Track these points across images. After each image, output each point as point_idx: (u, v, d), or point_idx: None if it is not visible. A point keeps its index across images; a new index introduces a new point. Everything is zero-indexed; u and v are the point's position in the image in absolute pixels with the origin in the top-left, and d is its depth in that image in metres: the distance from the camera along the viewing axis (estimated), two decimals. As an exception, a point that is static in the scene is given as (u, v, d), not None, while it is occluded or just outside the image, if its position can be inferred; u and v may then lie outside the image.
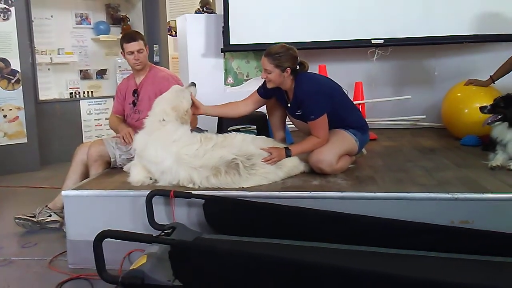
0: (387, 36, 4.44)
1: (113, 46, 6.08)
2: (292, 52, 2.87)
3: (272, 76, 2.88)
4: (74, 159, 3.23)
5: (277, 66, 2.84)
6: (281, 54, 2.83)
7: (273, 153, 2.80)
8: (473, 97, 3.94)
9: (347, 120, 3.02)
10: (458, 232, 2.27)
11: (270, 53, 2.86)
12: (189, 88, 3.00)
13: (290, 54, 2.85)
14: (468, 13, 4.35)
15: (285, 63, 2.83)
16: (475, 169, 2.98)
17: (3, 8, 4.85)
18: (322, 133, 2.87)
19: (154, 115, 2.86)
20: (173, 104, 2.85)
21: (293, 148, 2.90)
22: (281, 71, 2.85)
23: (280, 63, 2.83)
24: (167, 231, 2.24)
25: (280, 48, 2.87)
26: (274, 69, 2.85)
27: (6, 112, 4.93)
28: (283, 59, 2.83)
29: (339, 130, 2.98)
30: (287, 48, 2.87)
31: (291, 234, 2.34)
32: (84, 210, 2.65)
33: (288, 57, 2.84)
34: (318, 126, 2.86)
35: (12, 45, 4.91)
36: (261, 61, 2.91)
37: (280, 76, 2.87)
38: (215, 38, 4.81)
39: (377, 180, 2.79)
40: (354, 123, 3.04)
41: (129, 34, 3.41)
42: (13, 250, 2.93)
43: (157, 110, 2.87)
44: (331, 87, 2.99)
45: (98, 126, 5.76)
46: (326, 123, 2.87)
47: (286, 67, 2.84)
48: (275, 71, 2.85)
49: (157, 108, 2.87)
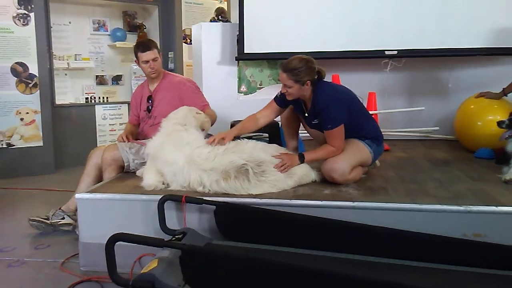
0: (401, 47, 4.43)
1: (129, 52, 6.14)
2: (310, 64, 2.81)
3: (292, 90, 2.85)
4: (88, 162, 3.26)
5: (296, 81, 2.79)
6: (301, 69, 2.77)
7: (284, 159, 2.80)
8: (486, 109, 3.92)
9: (363, 130, 3.00)
10: (471, 245, 2.24)
11: (288, 69, 2.80)
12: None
13: (309, 68, 2.79)
14: (483, 26, 4.32)
15: (305, 77, 2.79)
16: (488, 182, 2.95)
17: (23, 13, 4.95)
18: (338, 142, 2.85)
19: (175, 119, 2.95)
20: (195, 113, 3.01)
21: (307, 155, 2.90)
22: (301, 85, 2.81)
23: (300, 78, 2.78)
24: (178, 236, 2.25)
25: (298, 62, 2.79)
26: (294, 84, 2.81)
27: (23, 115, 5.02)
28: (303, 74, 2.78)
29: (355, 140, 2.97)
30: (306, 61, 2.80)
31: (302, 243, 2.33)
32: (97, 213, 2.67)
33: (307, 71, 2.79)
34: (334, 135, 2.85)
35: (30, 50, 5.01)
36: (280, 76, 2.87)
37: (300, 90, 2.84)
38: (229, 46, 4.84)
39: (389, 190, 2.78)
40: (370, 134, 3.03)
41: (143, 43, 3.42)
42: (26, 251, 2.96)
43: (179, 115, 2.98)
44: (349, 97, 2.96)
45: (112, 131, 5.82)
46: (343, 133, 2.86)
47: (305, 80, 2.80)
48: (295, 86, 2.81)
49: (180, 113, 2.99)
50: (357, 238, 2.31)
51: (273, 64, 4.98)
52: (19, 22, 4.93)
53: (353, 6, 4.54)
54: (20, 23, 4.94)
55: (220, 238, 2.49)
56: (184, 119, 2.96)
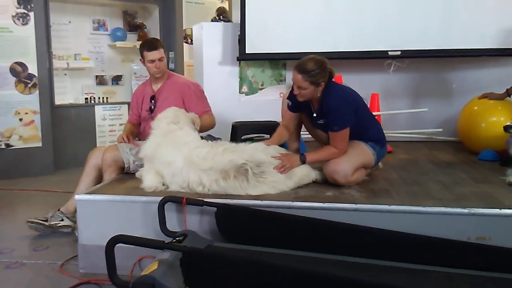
0: (404, 48, 4.41)
1: (129, 52, 6.13)
2: (325, 65, 2.79)
3: (306, 92, 2.82)
4: (88, 163, 3.24)
5: (312, 83, 2.77)
6: (317, 70, 2.75)
7: (284, 160, 2.78)
8: (490, 111, 3.91)
9: (367, 132, 2.99)
10: (475, 248, 2.22)
11: (305, 71, 2.76)
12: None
13: (324, 69, 2.78)
14: (487, 26, 4.31)
15: (320, 79, 2.78)
16: (492, 185, 2.93)
17: (22, 13, 4.92)
18: (341, 145, 2.84)
19: (167, 118, 2.93)
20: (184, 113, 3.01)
21: (309, 156, 2.88)
22: (316, 87, 2.80)
23: (316, 80, 2.77)
24: (178, 238, 2.23)
25: (314, 64, 2.76)
26: (309, 86, 2.78)
27: (22, 116, 4.99)
28: (319, 76, 2.76)
29: (358, 142, 2.95)
30: (321, 63, 2.78)
31: (303, 245, 2.31)
32: (97, 215, 2.65)
33: (323, 73, 2.77)
34: (339, 137, 2.83)
35: (30, 50, 4.98)
36: (294, 78, 2.83)
37: (314, 91, 2.83)
38: (231, 46, 4.82)
39: (392, 193, 2.75)
40: (374, 136, 3.01)
41: (150, 42, 3.38)
42: (25, 253, 2.94)
43: (170, 113, 2.96)
44: (356, 100, 2.95)
45: (112, 132, 5.79)
46: (347, 136, 2.85)
47: (320, 82, 2.79)
48: (310, 88, 2.79)
49: (170, 112, 2.98)
50: (360, 240, 2.29)
51: (274, 65, 4.96)
52: (18, 22, 4.91)
53: (356, 6, 4.52)
54: (19, 22, 4.91)
55: (221, 240, 2.47)
56: (175, 117, 2.93)
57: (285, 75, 4.99)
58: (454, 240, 2.25)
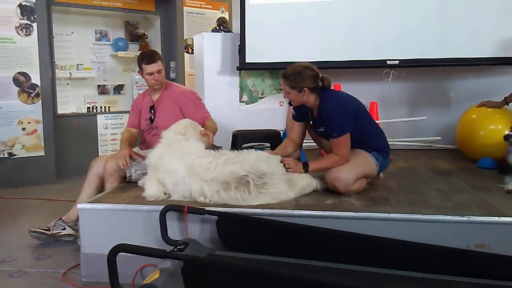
0: (402, 57, 4.45)
1: (131, 62, 6.18)
2: (307, 71, 2.85)
3: (291, 96, 2.91)
4: (90, 172, 3.26)
5: (292, 87, 2.86)
6: (296, 75, 2.84)
7: (290, 163, 2.86)
8: (488, 119, 3.93)
9: (370, 141, 2.99)
10: (474, 256, 2.23)
11: (285, 75, 2.88)
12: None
13: (305, 74, 2.83)
14: (484, 35, 4.34)
15: (301, 83, 2.83)
16: (491, 192, 2.94)
17: (26, 24, 4.98)
18: (343, 151, 2.84)
19: (175, 129, 2.98)
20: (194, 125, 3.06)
21: (311, 164, 2.90)
22: (298, 91, 2.86)
23: (296, 84, 2.84)
24: (180, 247, 2.24)
25: (294, 69, 2.86)
26: (291, 90, 2.88)
27: (25, 125, 5.03)
28: (298, 80, 2.83)
29: (362, 151, 2.95)
30: (303, 68, 2.86)
31: (304, 253, 2.32)
32: (99, 224, 2.66)
33: (303, 78, 2.83)
34: (340, 144, 2.84)
35: (33, 60, 5.04)
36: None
37: (298, 96, 2.88)
38: (231, 56, 4.86)
39: (391, 201, 2.77)
40: (377, 145, 3.00)
41: (147, 55, 3.38)
42: (27, 262, 2.95)
43: (180, 125, 3.01)
44: (355, 106, 2.95)
45: (114, 141, 5.83)
46: (348, 142, 2.85)
47: (302, 87, 2.84)
48: (293, 92, 2.88)
49: (181, 123, 3.03)
50: (359, 248, 2.29)
51: (274, 74, 5.00)
52: (21, 32, 4.96)
53: (354, 16, 4.56)
54: (22, 33, 4.97)
55: (222, 248, 2.47)
56: (184, 129, 2.97)
57: (285, 84, 5.02)
58: (453, 248, 2.25)
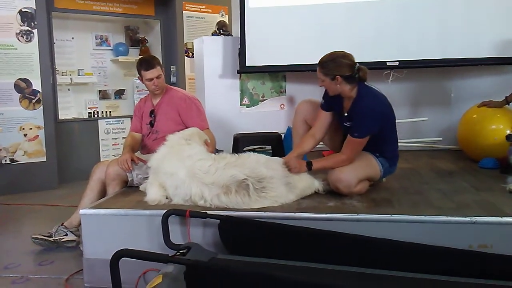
0: (402, 58, 4.44)
1: (132, 67, 6.17)
2: (343, 59, 2.82)
3: (325, 84, 2.89)
4: (92, 177, 3.26)
5: (326, 74, 2.84)
6: (330, 62, 2.83)
7: (291, 165, 2.83)
8: (489, 119, 3.91)
9: (382, 146, 2.96)
10: (477, 256, 2.23)
11: (320, 62, 2.88)
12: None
13: (339, 62, 2.81)
14: (484, 35, 4.33)
15: (334, 71, 2.81)
16: (493, 192, 2.94)
17: (26, 30, 4.99)
18: (352, 153, 2.83)
19: (181, 134, 3.01)
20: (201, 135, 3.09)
21: (315, 163, 2.90)
22: (330, 79, 2.83)
23: (329, 71, 2.82)
24: (182, 251, 2.24)
25: (329, 56, 2.86)
26: (324, 77, 2.86)
27: (26, 131, 5.04)
28: (331, 67, 2.81)
29: (368, 154, 2.93)
30: (337, 56, 2.84)
31: (307, 256, 2.32)
32: (101, 229, 2.67)
33: (336, 65, 2.81)
34: (354, 144, 2.82)
35: (34, 66, 5.05)
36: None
37: (331, 84, 2.85)
38: (231, 59, 4.86)
39: (393, 202, 2.77)
40: (387, 153, 2.99)
41: (146, 61, 3.37)
42: (30, 268, 2.95)
43: (186, 132, 3.07)
44: (385, 111, 2.92)
45: (115, 145, 5.83)
46: (362, 146, 2.84)
47: (335, 75, 2.80)
48: (326, 80, 2.86)
49: (187, 132, 3.08)
50: (362, 250, 2.30)
51: (274, 77, 5.00)
52: (22, 39, 4.97)
53: (354, 17, 4.56)
54: (23, 39, 4.98)
55: (225, 252, 2.48)
56: (190, 136, 2.99)
57: (285, 87, 5.03)
58: (456, 248, 2.26)
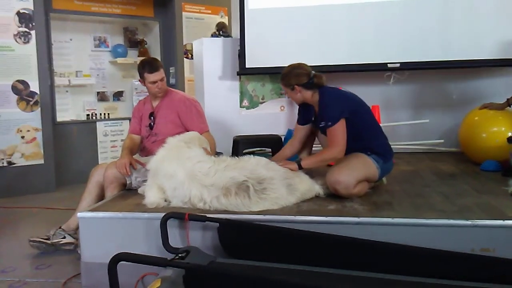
0: (403, 60, 4.43)
1: (130, 68, 6.17)
2: (296, 70, 3.03)
3: (289, 95, 3.14)
4: (90, 180, 3.24)
5: (286, 85, 3.07)
6: (286, 74, 3.05)
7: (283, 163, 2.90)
8: (490, 121, 3.90)
9: (370, 143, 2.98)
10: (479, 260, 2.20)
11: (281, 76, 3.10)
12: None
13: (295, 73, 3.01)
14: (486, 37, 4.31)
15: (291, 81, 3.01)
16: (495, 195, 2.91)
17: (24, 31, 4.97)
18: (339, 141, 2.85)
19: (181, 137, 3.01)
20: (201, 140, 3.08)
21: (304, 161, 2.93)
22: (290, 89, 3.04)
23: (287, 82, 3.04)
24: (181, 255, 2.22)
25: (286, 69, 3.08)
26: (286, 89, 3.10)
27: (24, 133, 5.01)
28: (288, 78, 3.03)
29: (361, 154, 2.94)
30: (293, 68, 3.05)
31: (307, 259, 2.29)
32: (99, 232, 2.64)
33: (292, 76, 3.01)
34: (334, 133, 2.87)
35: (31, 68, 5.03)
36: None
37: (293, 93, 3.06)
38: (231, 61, 4.85)
39: (394, 205, 2.74)
40: (377, 148, 2.99)
41: (150, 64, 3.32)
42: (27, 272, 2.93)
43: (187, 135, 3.07)
44: (355, 102, 3.03)
45: (113, 148, 5.81)
46: (344, 130, 2.86)
47: (293, 85, 3.00)
48: (288, 90, 3.09)
49: (188, 135, 3.07)
50: (363, 254, 2.27)
51: (274, 78, 4.98)
52: (20, 40, 4.95)
53: (355, 19, 4.54)
54: (21, 41, 4.96)
55: (224, 256, 2.45)
56: (190, 139, 2.98)
57: (285, 89, 5.01)
58: (457, 252, 2.23)
